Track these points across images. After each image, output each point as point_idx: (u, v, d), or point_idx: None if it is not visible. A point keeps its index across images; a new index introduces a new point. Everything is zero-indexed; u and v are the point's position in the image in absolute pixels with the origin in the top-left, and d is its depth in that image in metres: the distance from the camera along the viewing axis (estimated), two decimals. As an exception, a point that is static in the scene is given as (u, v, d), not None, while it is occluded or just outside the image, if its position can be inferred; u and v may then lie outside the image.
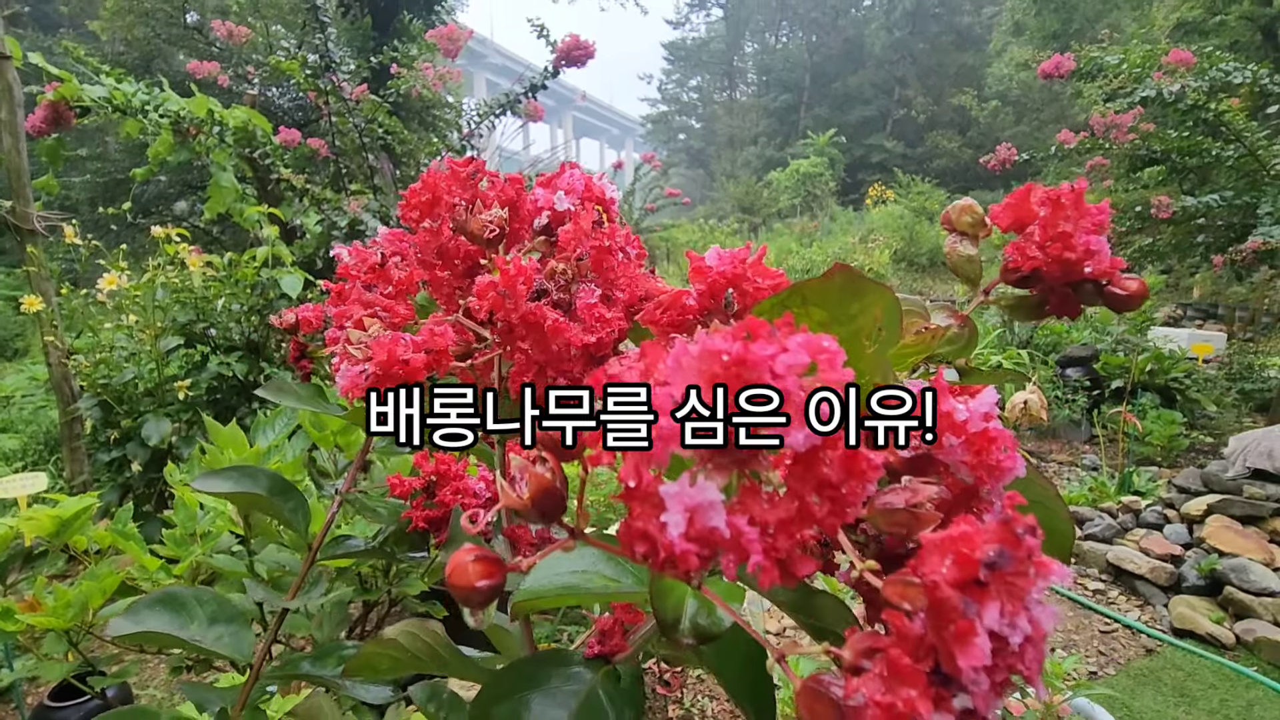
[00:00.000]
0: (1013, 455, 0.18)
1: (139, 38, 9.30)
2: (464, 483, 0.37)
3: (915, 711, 0.15)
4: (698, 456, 0.16)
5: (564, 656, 0.25)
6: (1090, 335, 5.04)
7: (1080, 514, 2.88)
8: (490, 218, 0.29)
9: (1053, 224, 0.24)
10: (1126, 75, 3.37)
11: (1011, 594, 0.15)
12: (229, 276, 2.56)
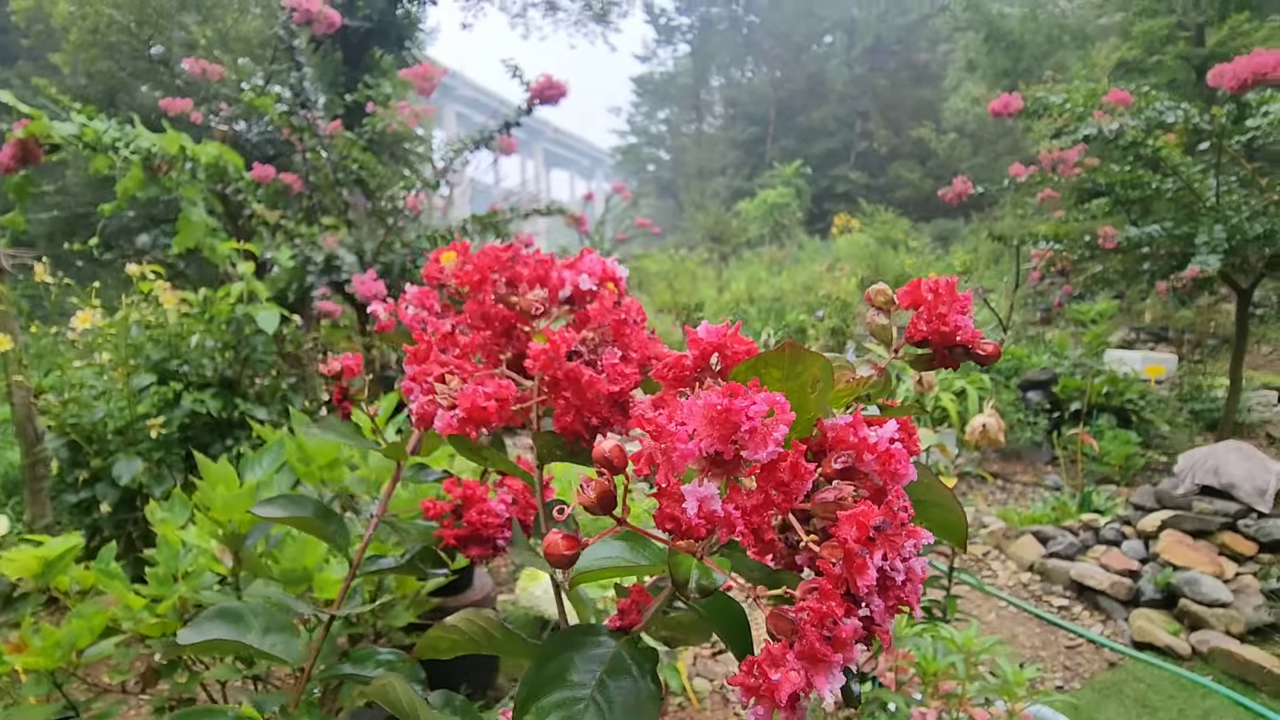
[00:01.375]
0: (907, 464, 0.25)
1: (102, 71, 9.26)
2: (487, 505, 0.42)
3: (834, 614, 0.22)
4: (701, 467, 0.24)
5: (595, 629, 0.31)
6: (1049, 359, 5.24)
7: (1044, 532, 2.98)
8: (537, 297, 0.36)
9: (935, 307, 0.32)
10: (1070, 114, 3.59)
11: (891, 546, 0.23)
12: (203, 313, 2.56)
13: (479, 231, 4.03)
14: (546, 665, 0.29)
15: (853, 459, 0.25)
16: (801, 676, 0.22)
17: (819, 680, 0.22)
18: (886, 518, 0.24)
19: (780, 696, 0.21)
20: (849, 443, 0.25)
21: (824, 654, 0.22)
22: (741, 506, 0.25)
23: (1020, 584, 2.79)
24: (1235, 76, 2.80)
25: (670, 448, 0.24)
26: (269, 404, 2.64)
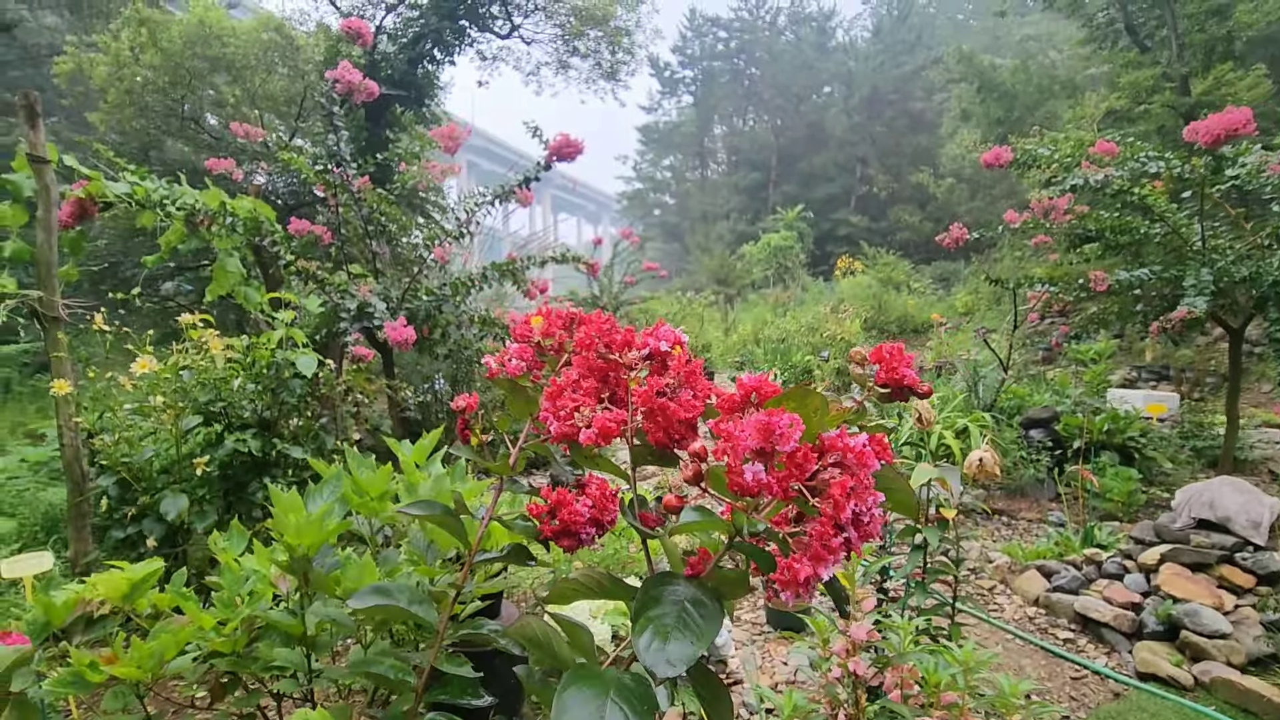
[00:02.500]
0: (872, 459, 0.39)
1: (136, 128, 9.72)
2: (574, 507, 0.55)
3: (828, 534, 0.36)
4: (752, 456, 0.38)
5: (676, 577, 0.45)
6: (1051, 398, 5.35)
7: (1048, 567, 3.06)
8: (636, 356, 0.51)
9: (889, 363, 0.47)
10: (1058, 165, 3.79)
11: (860, 499, 0.38)
12: (245, 358, 2.73)
13: (498, 278, 4.24)
14: (648, 594, 0.43)
15: (839, 456, 0.39)
16: (810, 569, 0.36)
17: (821, 570, 0.36)
18: (856, 485, 0.39)
19: (799, 578, 0.35)
20: (837, 446, 0.39)
21: (823, 555, 0.36)
22: (776, 477, 0.40)
23: (1026, 617, 2.85)
24: (1209, 133, 3.00)
25: (735, 444, 0.38)
26: (304, 443, 2.78)
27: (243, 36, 9.93)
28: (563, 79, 9.07)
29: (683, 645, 0.40)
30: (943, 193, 18.56)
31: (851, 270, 15.10)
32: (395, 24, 8.65)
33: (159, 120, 9.70)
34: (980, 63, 11.45)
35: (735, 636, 2.67)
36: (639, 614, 0.41)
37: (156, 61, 9.40)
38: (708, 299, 13.53)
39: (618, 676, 0.43)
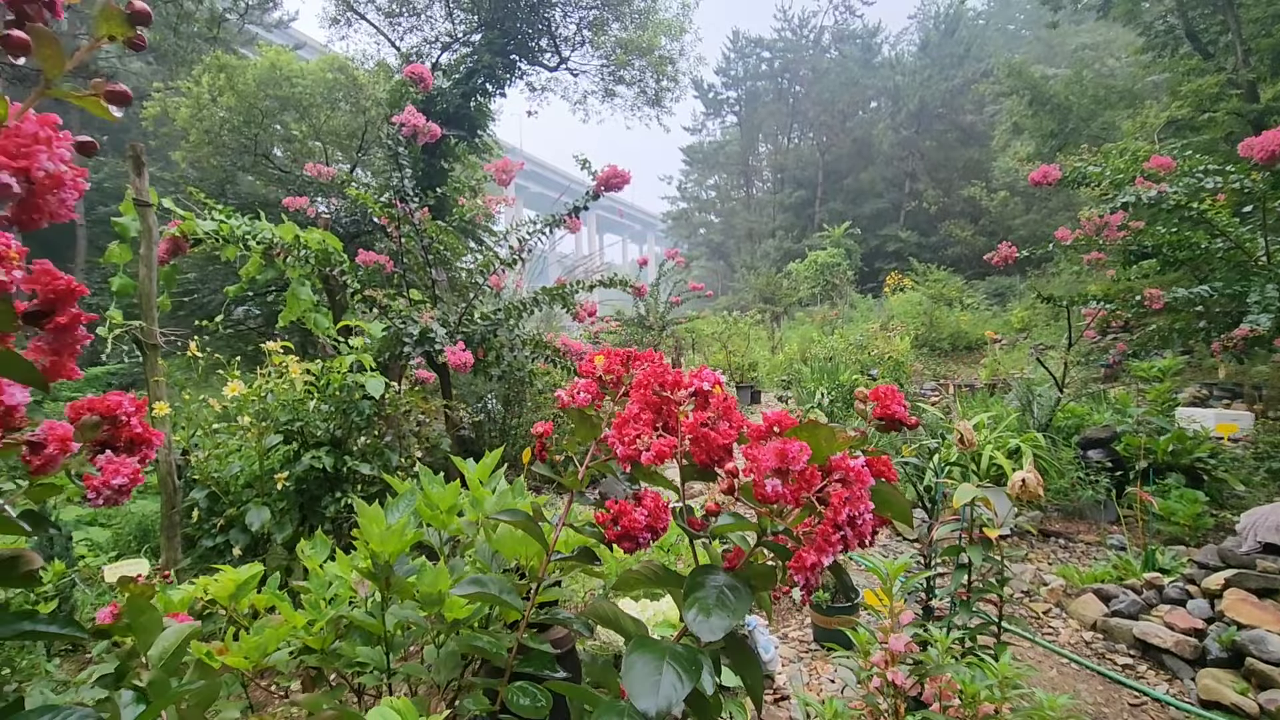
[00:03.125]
0: (868, 477, 0.49)
1: (214, 165, 10.44)
2: (633, 515, 0.65)
3: (829, 531, 0.45)
4: (772, 473, 0.48)
5: (716, 568, 0.55)
6: (1111, 417, 5.18)
7: (1106, 591, 2.99)
8: (685, 394, 0.62)
9: (885, 400, 0.56)
10: (1109, 183, 3.74)
11: (854, 506, 0.47)
12: (319, 381, 2.95)
13: (548, 302, 4.41)
14: (695, 581, 0.53)
15: (843, 473, 0.49)
16: (815, 557, 0.46)
17: (824, 559, 0.46)
18: (852, 495, 0.48)
19: (807, 564, 0.45)
20: (840, 465, 0.49)
21: (825, 547, 0.46)
22: (790, 490, 0.50)
23: (1083, 642, 2.80)
24: (1264, 149, 2.94)
25: (759, 465, 0.49)
26: (371, 460, 2.98)
27: (309, 77, 10.58)
28: (608, 107, 9.35)
29: (721, 619, 0.51)
30: (996, 206, 18.15)
31: (901, 287, 14.87)
32: (450, 61, 9.10)
33: (234, 156, 10.40)
34: (1031, 75, 11.24)
35: (782, 654, 2.71)
36: (688, 595, 0.51)
37: (232, 103, 10.09)
38: (754, 318, 13.52)
39: (671, 645, 0.52)
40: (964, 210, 20.45)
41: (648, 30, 8.10)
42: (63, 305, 0.47)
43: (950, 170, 21.87)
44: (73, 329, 0.47)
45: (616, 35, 8.31)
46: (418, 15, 9.00)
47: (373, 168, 10.49)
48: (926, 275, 14.64)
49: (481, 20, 8.45)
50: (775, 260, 22.54)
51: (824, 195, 24.96)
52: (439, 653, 1.43)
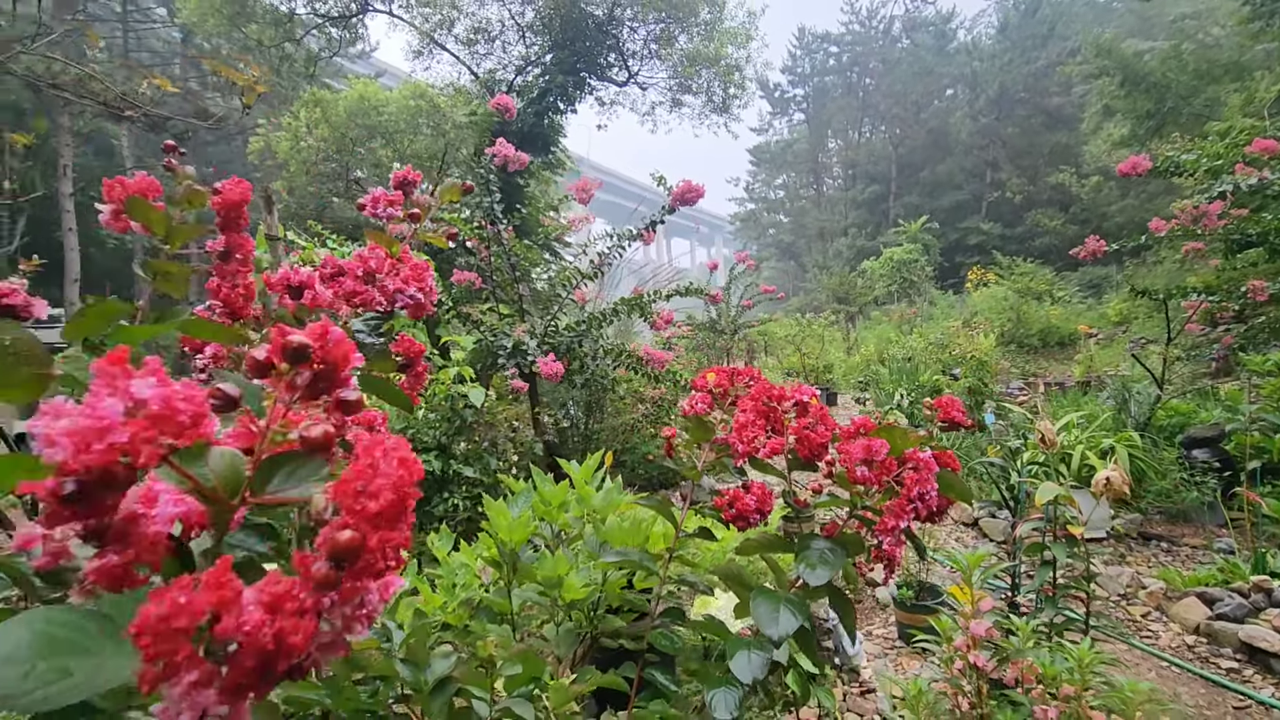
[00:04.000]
0: (933, 465, 0.62)
1: (311, 193, 11.29)
2: (745, 500, 0.80)
3: (904, 505, 0.60)
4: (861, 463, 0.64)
5: (818, 536, 0.70)
6: (1221, 414, 4.89)
7: (1210, 594, 2.90)
8: (789, 405, 0.78)
9: (947, 408, 0.69)
10: (1205, 171, 3.59)
11: (923, 485, 0.60)
12: (426, 391, 3.25)
13: (627, 312, 4.62)
14: (803, 544, 0.68)
15: (915, 463, 0.63)
16: (894, 521, 0.60)
17: (901, 522, 0.60)
18: (921, 479, 0.61)
19: (888, 526, 0.59)
20: (913, 457, 0.63)
21: (901, 514, 0.60)
22: (874, 474, 0.63)
23: (1184, 645, 2.72)
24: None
25: (851, 457, 0.63)
26: (472, 463, 3.25)
27: (393, 105, 11.27)
28: (676, 116, 9.52)
29: (823, 571, 0.65)
30: (1088, 193, 17.15)
31: (985, 281, 14.30)
32: (523, 82, 9.52)
33: (328, 184, 11.20)
34: (1123, 53, 10.61)
35: (867, 649, 2.79)
36: (798, 554, 0.67)
37: (326, 134, 10.88)
38: (828, 319, 13.32)
39: (786, 594, 0.67)
40: (1052, 198, 19.40)
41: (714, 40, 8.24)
42: (417, 359, 0.70)
43: (1035, 157, 20.79)
44: (422, 375, 0.70)
45: (683, 47, 8.48)
46: (492, 41, 9.48)
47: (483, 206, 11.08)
48: (1012, 268, 14.01)
49: (552, 41, 8.82)
50: (848, 259, 22.07)
51: (898, 190, 24.24)
52: (558, 630, 1.63)
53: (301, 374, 0.29)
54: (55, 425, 0.24)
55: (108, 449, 0.23)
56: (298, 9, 10.67)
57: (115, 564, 0.25)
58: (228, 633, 0.21)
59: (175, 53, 17.29)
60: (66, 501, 0.23)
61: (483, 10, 9.39)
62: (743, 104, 9.21)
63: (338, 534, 0.23)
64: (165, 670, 0.21)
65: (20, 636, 0.26)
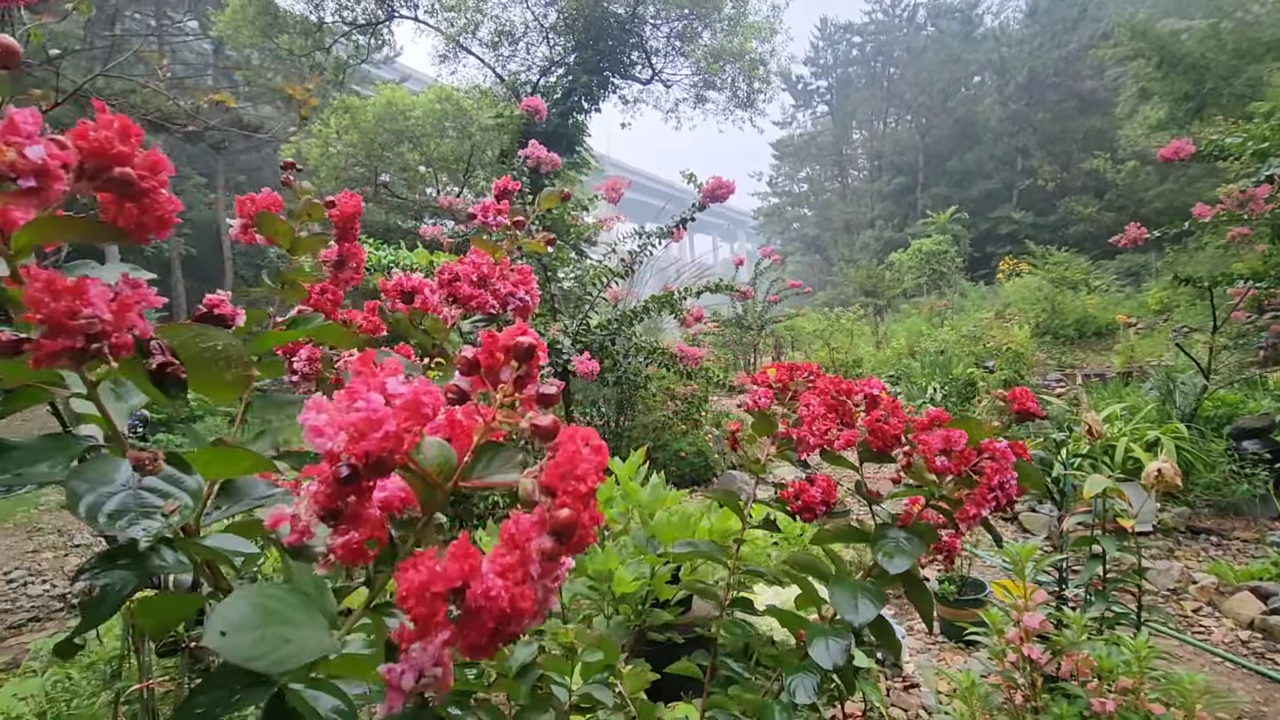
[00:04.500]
0: (1010, 455, 0.64)
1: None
2: (810, 492, 0.83)
3: (985, 492, 0.61)
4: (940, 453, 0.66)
5: (893, 526, 0.72)
6: (1270, 404, 4.75)
7: (1264, 588, 2.83)
8: (860, 398, 0.80)
9: (1021, 399, 0.70)
10: (1251, 154, 3.49)
11: (1003, 473, 0.62)
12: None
13: (657, 310, 4.64)
14: (879, 534, 0.70)
15: (991, 453, 0.64)
16: (975, 509, 0.61)
17: (982, 510, 0.61)
18: (1000, 468, 0.63)
19: (969, 514, 0.61)
20: (989, 447, 0.65)
21: (982, 502, 0.61)
22: (954, 464, 0.64)
23: (1238, 641, 2.67)
24: None
25: (930, 447, 0.65)
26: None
27: (420, 109, 11.43)
28: (700, 112, 9.50)
29: (901, 561, 0.67)
30: (1124, 178, 16.70)
31: (1017, 271, 14.00)
32: (548, 83, 9.59)
33: (356, 188, 11.40)
34: (1158, 33, 10.30)
35: (910, 644, 2.78)
36: (874, 544, 0.69)
37: (355, 140, 11.06)
38: (856, 312, 13.17)
39: (860, 581, 0.69)
40: (1086, 185, 18.93)
41: (738, 35, 8.20)
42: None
43: (1068, 143, 20.29)
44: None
45: (707, 43, 8.47)
46: (516, 43, 9.56)
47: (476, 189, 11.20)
48: (1046, 257, 13.69)
49: (576, 41, 8.87)
50: (875, 251, 21.80)
51: (925, 180, 23.86)
52: (609, 623, 1.66)
53: (511, 370, 0.32)
54: (319, 418, 0.27)
55: (384, 437, 0.26)
56: (326, 18, 10.87)
57: (356, 541, 0.29)
58: (475, 598, 0.24)
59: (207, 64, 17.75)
60: (343, 484, 0.27)
61: (506, 13, 9.48)
62: (767, 98, 9.17)
63: (558, 512, 0.26)
64: (419, 630, 0.24)
65: (244, 608, 0.29)
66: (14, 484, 0.35)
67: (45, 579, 4.04)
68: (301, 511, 0.30)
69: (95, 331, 0.30)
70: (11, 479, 0.33)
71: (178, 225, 0.38)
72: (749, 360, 10.58)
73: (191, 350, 0.38)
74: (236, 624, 0.28)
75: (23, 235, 0.31)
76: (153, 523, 0.31)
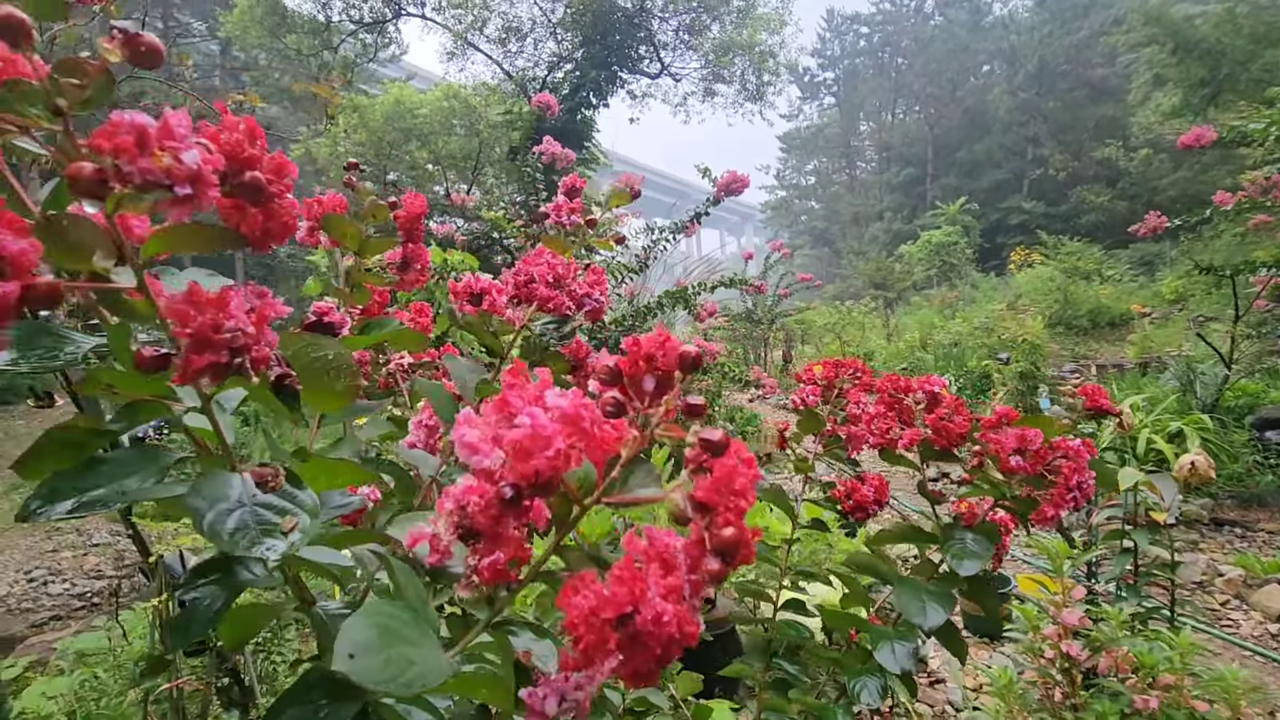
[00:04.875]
0: (1084, 453, 0.62)
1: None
2: (862, 491, 0.82)
3: (1064, 492, 0.60)
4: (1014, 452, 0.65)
5: (958, 526, 0.71)
6: (1292, 393, 4.70)
7: (1293, 581, 2.80)
8: (921, 396, 0.79)
9: (1094, 395, 0.69)
10: (1276, 139, 3.43)
11: (1080, 474, 0.61)
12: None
13: (671, 305, 4.63)
14: (947, 534, 0.69)
15: (1065, 451, 0.63)
16: (1053, 510, 0.60)
17: (1060, 511, 0.60)
18: (1078, 466, 0.61)
19: (1047, 515, 0.60)
20: (1063, 446, 0.64)
21: (1060, 503, 0.60)
22: (1029, 464, 0.63)
23: (1268, 634, 2.64)
24: None
25: (1004, 446, 0.64)
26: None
27: (427, 107, 11.42)
28: (709, 106, 9.46)
29: (972, 563, 0.66)
30: (1137, 166, 16.51)
31: (1029, 262, 13.88)
32: (556, 79, 9.56)
33: (369, 187, 11.39)
34: (1171, 19, 10.15)
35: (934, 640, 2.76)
36: (944, 544, 0.69)
37: (364, 139, 11.08)
38: (867, 305, 13.11)
39: (925, 583, 0.69)
40: (1098, 174, 18.71)
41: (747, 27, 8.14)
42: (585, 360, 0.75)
43: (1079, 131, 20.06)
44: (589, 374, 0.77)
45: (715, 36, 8.41)
46: (524, 39, 9.54)
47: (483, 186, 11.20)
48: (1058, 247, 13.56)
49: (583, 36, 8.83)
50: (884, 244, 21.67)
51: (935, 171, 23.68)
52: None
53: (650, 380, 0.31)
54: (472, 434, 0.27)
55: (555, 456, 0.26)
56: (334, 17, 10.87)
57: (502, 561, 0.28)
58: (645, 623, 0.23)
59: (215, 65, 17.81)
60: (506, 505, 0.26)
61: (514, 9, 9.45)
62: (777, 91, 9.11)
63: (722, 531, 0.25)
64: (584, 658, 0.23)
65: (367, 628, 0.29)
66: (112, 499, 0.34)
67: (65, 578, 4.09)
68: (442, 531, 0.29)
69: (239, 345, 0.29)
70: (109, 494, 0.33)
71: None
72: (759, 355, 10.55)
73: (303, 360, 0.37)
74: (363, 646, 0.27)
75: (152, 245, 0.31)
76: (276, 542, 0.31)
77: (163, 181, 0.27)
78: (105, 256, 0.29)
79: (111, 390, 0.32)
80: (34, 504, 0.31)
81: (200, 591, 0.38)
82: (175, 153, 0.27)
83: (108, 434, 0.33)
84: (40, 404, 1.77)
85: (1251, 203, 3.89)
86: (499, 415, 0.28)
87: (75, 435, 0.32)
